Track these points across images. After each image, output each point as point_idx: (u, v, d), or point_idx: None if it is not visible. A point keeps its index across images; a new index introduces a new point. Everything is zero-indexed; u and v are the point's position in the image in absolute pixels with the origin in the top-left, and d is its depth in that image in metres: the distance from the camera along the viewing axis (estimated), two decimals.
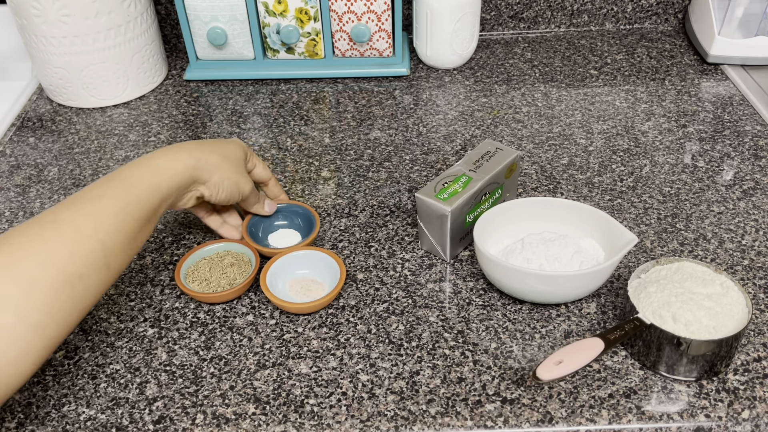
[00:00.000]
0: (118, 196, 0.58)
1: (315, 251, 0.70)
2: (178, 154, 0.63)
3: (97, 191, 0.57)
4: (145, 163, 0.61)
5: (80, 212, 0.55)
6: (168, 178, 0.61)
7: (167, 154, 0.63)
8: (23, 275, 0.50)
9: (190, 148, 0.64)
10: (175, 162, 0.62)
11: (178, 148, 0.64)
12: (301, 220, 0.76)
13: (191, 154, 0.64)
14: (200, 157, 0.64)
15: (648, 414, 0.57)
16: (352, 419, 0.58)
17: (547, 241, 0.68)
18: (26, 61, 1.08)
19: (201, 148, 0.65)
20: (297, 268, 0.70)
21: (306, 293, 0.69)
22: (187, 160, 0.63)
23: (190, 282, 0.69)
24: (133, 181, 0.59)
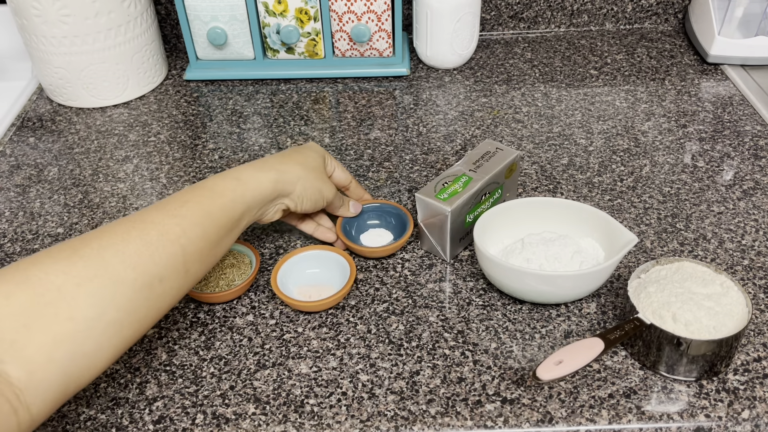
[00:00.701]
0: (203, 204, 0.59)
1: (326, 251, 0.71)
2: (262, 167, 0.64)
3: (183, 198, 0.59)
4: (230, 174, 0.63)
5: (166, 216, 0.56)
6: (252, 189, 0.62)
7: (252, 168, 0.64)
8: (107, 271, 0.51)
9: (273, 163, 0.66)
10: (259, 175, 0.64)
11: (262, 162, 0.66)
12: (394, 220, 0.76)
13: (274, 167, 0.65)
14: (283, 170, 0.65)
15: (648, 414, 0.57)
16: (352, 419, 0.58)
17: (547, 241, 0.68)
18: (26, 61, 1.08)
19: (282, 161, 0.66)
20: (307, 267, 0.71)
21: (317, 293, 0.69)
22: (270, 172, 0.64)
23: None
24: (217, 190, 0.60)
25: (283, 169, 0.65)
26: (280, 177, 0.65)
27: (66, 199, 0.83)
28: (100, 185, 0.86)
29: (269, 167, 0.65)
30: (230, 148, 0.91)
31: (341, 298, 0.67)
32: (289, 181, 0.65)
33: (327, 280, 0.70)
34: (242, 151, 0.90)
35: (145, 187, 0.85)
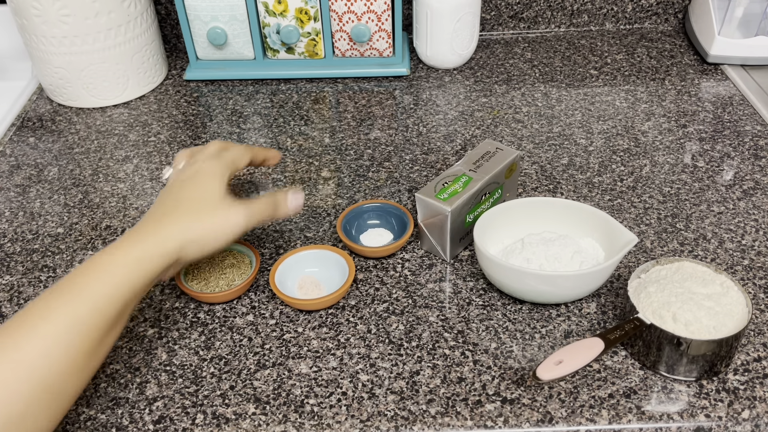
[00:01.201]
0: (68, 312, 0.51)
1: (325, 250, 0.71)
2: (136, 241, 0.56)
3: (46, 305, 0.51)
4: (99, 265, 0.54)
5: (22, 337, 0.49)
6: (130, 276, 0.54)
7: (125, 246, 0.56)
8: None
9: (147, 231, 0.57)
10: (134, 255, 0.55)
11: (136, 234, 0.57)
12: (394, 220, 0.76)
13: (148, 238, 0.57)
14: (163, 237, 0.57)
15: (648, 414, 0.57)
16: (352, 419, 0.58)
17: (547, 241, 0.68)
18: (26, 61, 1.08)
19: (161, 221, 0.58)
20: (306, 266, 0.71)
21: (315, 292, 0.69)
22: (147, 245, 0.56)
23: (189, 281, 0.69)
24: (85, 291, 0.52)
25: (163, 236, 0.57)
26: (160, 248, 0.56)
27: (66, 199, 0.83)
28: (100, 185, 0.86)
29: (142, 237, 0.56)
30: None
31: (340, 297, 0.67)
32: (173, 248, 0.57)
33: (326, 279, 0.70)
34: None
35: (145, 187, 0.85)
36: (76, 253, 0.76)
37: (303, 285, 0.70)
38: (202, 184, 0.61)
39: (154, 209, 0.60)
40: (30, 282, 0.72)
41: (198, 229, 0.58)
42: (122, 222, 0.79)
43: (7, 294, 0.71)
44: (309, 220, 0.79)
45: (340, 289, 0.66)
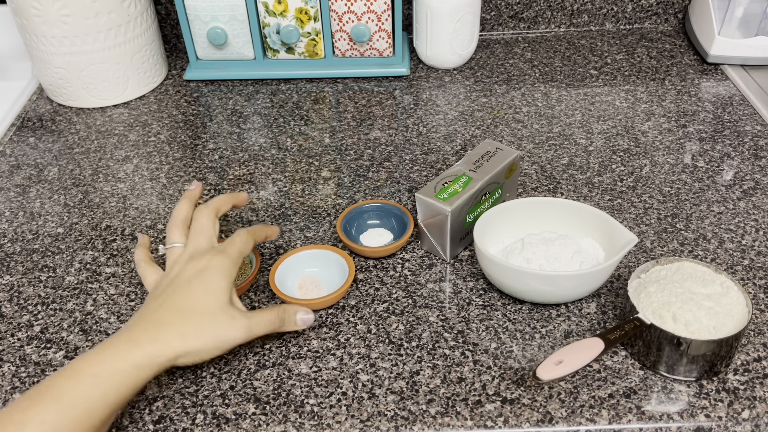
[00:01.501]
0: (45, 422, 0.48)
1: (325, 250, 0.71)
2: (129, 349, 0.53)
3: (18, 417, 0.48)
4: (83, 369, 0.51)
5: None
6: (117, 386, 0.51)
7: (113, 352, 0.52)
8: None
9: (143, 336, 0.54)
10: (124, 364, 0.52)
11: (127, 338, 0.54)
12: (394, 220, 0.76)
13: (143, 344, 0.54)
14: (158, 347, 0.54)
15: (648, 414, 0.57)
16: (352, 419, 0.58)
17: (547, 241, 0.68)
18: (26, 61, 1.08)
19: (159, 326, 0.55)
20: (306, 266, 0.71)
21: (315, 291, 0.69)
22: (138, 353, 0.53)
23: None
24: (65, 400, 0.49)
25: (162, 345, 0.54)
26: (158, 358, 0.53)
27: (66, 199, 0.83)
28: (100, 185, 0.86)
29: (141, 344, 0.53)
30: (230, 148, 0.91)
31: (340, 297, 0.67)
32: (171, 358, 0.54)
33: (326, 279, 0.70)
34: (242, 151, 0.90)
35: (145, 187, 0.85)
36: (76, 253, 0.76)
37: (303, 285, 0.70)
38: (209, 288, 0.58)
39: (155, 311, 0.57)
40: (30, 282, 0.72)
41: (198, 342, 0.56)
42: (122, 222, 0.79)
43: (7, 294, 0.71)
44: (309, 220, 0.79)
45: (340, 289, 0.66)
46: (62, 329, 0.67)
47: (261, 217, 0.79)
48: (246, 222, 0.79)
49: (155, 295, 0.59)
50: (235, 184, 0.84)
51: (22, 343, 0.66)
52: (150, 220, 0.80)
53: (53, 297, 0.70)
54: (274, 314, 0.61)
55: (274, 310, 0.61)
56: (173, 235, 0.63)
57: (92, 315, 0.68)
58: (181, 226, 0.64)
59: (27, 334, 0.67)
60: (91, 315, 0.68)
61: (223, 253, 0.60)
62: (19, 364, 0.64)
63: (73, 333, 0.66)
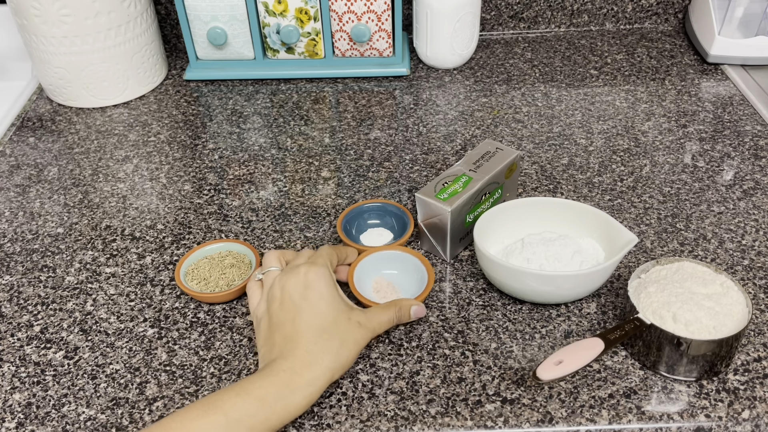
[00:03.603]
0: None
1: (403, 252, 0.70)
2: (289, 384, 0.55)
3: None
4: (251, 393, 0.53)
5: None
6: (279, 412, 0.54)
7: (278, 388, 0.54)
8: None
9: (297, 372, 0.56)
10: (290, 396, 0.54)
11: (288, 375, 0.55)
12: (395, 220, 0.76)
13: (303, 377, 0.55)
14: (315, 377, 0.56)
15: (648, 414, 0.57)
16: (352, 419, 0.58)
17: (547, 241, 0.68)
18: (26, 61, 1.08)
19: (309, 359, 0.56)
20: (382, 268, 0.70)
21: (394, 294, 0.68)
22: (301, 390, 0.55)
23: (189, 281, 0.69)
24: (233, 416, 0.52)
25: (315, 364, 0.56)
26: (314, 382, 0.55)
27: (66, 199, 0.83)
28: (100, 185, 0.86)
29: (295, 372, 0.55)
30: (230, 148, 0.91)
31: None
32: (327, 377, 0.56)
33: (400, 282, 0.69)
34: (242, 151, 0.90)
35: (145, 187, 0.85)
36: (75, 253, 0.76)
37: (379, 288, 0.69)
38: (328, 302, 0.59)
39: (293, 333, 0.57)
40: (30, 282, 0.72)
41: (345, 355, 0.58)
42: (122, 222, 0.79)
43: (7, 294, 0.71)
44: (309, 220, 0.79)
45: (420, 297, 0.65)
46: (62, 329, 0.67)
47: (261, 218, 0.79)
48: (246, 222, 0.79)
49: (277, 321, 0.59)
50: (235, 184, 0.85)
51: (22, 343, 0.66)
52: (150, 220, 0.80)
53: (53, 297, 0.70)
54: (392, 313, 0.62)
55: (391, 309, 0.63)
56: (269, 261, 0.65)
57: (92, 315, 0.68)
58: (278, 255, 0.66)
59: (27, 334, 0.67)
60: (91, 315, 0.68)
61: (315, 264, 0.61)
62: (19, 364, 0.64)
63: (73, 333, 0.66)
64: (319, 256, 0.63)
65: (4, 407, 0.60)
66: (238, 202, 0.82)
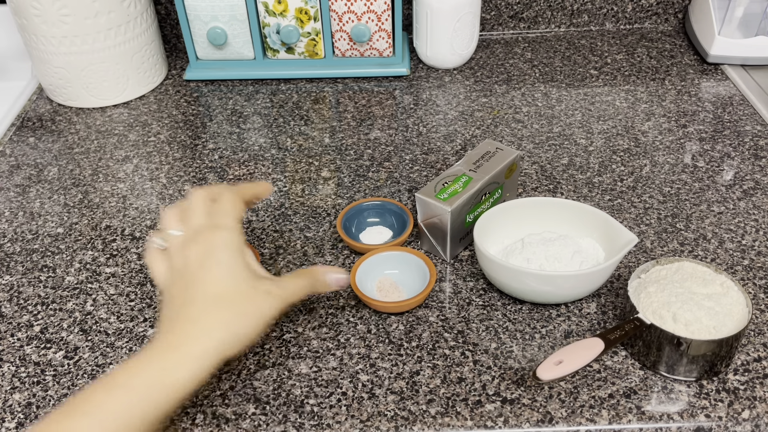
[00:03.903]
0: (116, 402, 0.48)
1: (405, 252, 0.70)
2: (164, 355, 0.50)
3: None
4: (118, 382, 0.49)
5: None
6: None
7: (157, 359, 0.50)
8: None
9: (175, 338, 0.51)
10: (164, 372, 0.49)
11: (166, 344, 0.51)
12: (395, 218, 0.76)
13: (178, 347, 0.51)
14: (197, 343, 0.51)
15: (648, 414, 0.57)
16: (352, 419, 0.58)
17: (547, 241, 0.68)
18: (26, 61, 1.08)
19: (197, 321, 0.51)
20: (385, 268, 0.70)
21: (396, 294, 0.68)
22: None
23: None
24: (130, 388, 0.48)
25: (202, 337, 0.51)
26: (200, 356, 0.50)
27: (66, 199, 0.83)
28: (100, 185, 0.86)
29: (174, 348, 0.50)
30: (230, 148, 0.91)
31: (422, 301, 0.66)
32: (216, 350, 0.51)
33: (404, 281, 0.69)
34: (242, 151, 0.90)
35: (145, 187, 0.85)
36: (75, 253, 0.76)
37: (382, 287, 0.69)
38: (226, 268, 0.54)
39: (182, 305, 0.53)
40: (30, 282, 0.72)
41: (243, 325, 0.52)
42: (122, 222, 0.79)
43: (7, 294, 0.71)
44: (309, 220, 0.79)
45: (422, 294, 0.65)
46: (62, 329, 0.67)
47: (261, 217, 0.79)
48: (245, 222, 0.79)
49: (173, 293, 0.54)
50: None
51: (22, 343, 0.66)
52: (150, 220, 0.80)
53: (53, 297, 0.70)
54: (305, 280, 0.58)
55: (305, 275, 0.58)
56: (169, 223, 0.59)
57: (92, 315, 0.68)
58: (177, 213, 0.59)
59: (27, 334, 0.67)
60: (91, 315, 0.68)
61: (219, 227, 0.55)
62: (19, 364, 0.64)
63: (73, 333, 0.66)
64: (225, 216, 0.56)
65: (4, 407, 0.60)
66: None
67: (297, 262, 0.73)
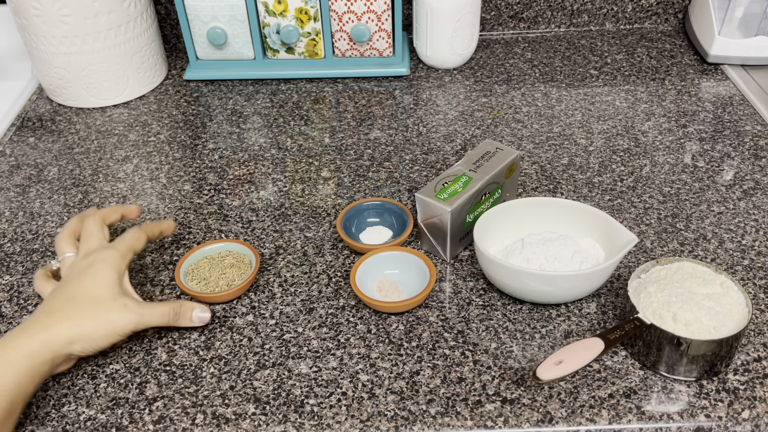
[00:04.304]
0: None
1: (405, 252, 0.70)
2: (13, 343, 0.55)
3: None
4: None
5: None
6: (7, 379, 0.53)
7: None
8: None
9: (31, 330, 0.56)
10: (8, 358, 0.54)
11: (18, 333, 0.55)
12: (394, 218, 0.76)
13: (32, 335, 0.55)
14: (47, 336, 0.56)
15: (648, 414, 0.57)
16: (352, 419, 0.58)
17: (547, 241, 0.68)
18: (26, 61, 1.08)
19: (48, 318, 0.56)
20: (385, 268, 0.70)
21: (396, 294, 0.68)
22: (27, 346, 0.55)
23: (189, 281, 0.69)
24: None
25: (53, 332, 0.56)
26: (49, 345, 0.55)
27: (66, 199, 0.83)
28: (100, 185, 0.86)
29: (30, 333, 0.55)
30: (230, 148, 0.91)
31: (421, 301, 0.66)
32: (62, 345, 0.56)
33: (405, 281, 0.69)
34: (242, 151, 0.90)
35: (145, 187, 0.85)
36: None
37: (382, 287, 0.69)
38: (98, 278, 0.60)
39: (45, 303, 0.59)
40: (30, 282, 0.72)
41: (90, 327, 0.58)
42: (122, 222, 0.79)
43: (7, 294, 0.71)
44: (309, 220, 0.79)
45: (422, 294, 0.65)
46: None
47: (261, 218, 0.79)
48: (246, 222, 0.79)
49: (50, 293, 0.61)
50: (234, 184, 0.85)
51: None
52: (149, 220, 0.80)
53: None
54: (169, 308, 0.63)
55: (170, 304, 0.63)
56: (62, 247, 0.65)
57: None
58: (68, 238, 0.66)
59: None
60: None
61: (110, 248, 0.63)
62: None
63: None
64: (120, 241, 0.64)
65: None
66: (238, 202, 0.82)
67: (297, 262, 0.73)
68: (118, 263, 0.62)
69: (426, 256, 0.69)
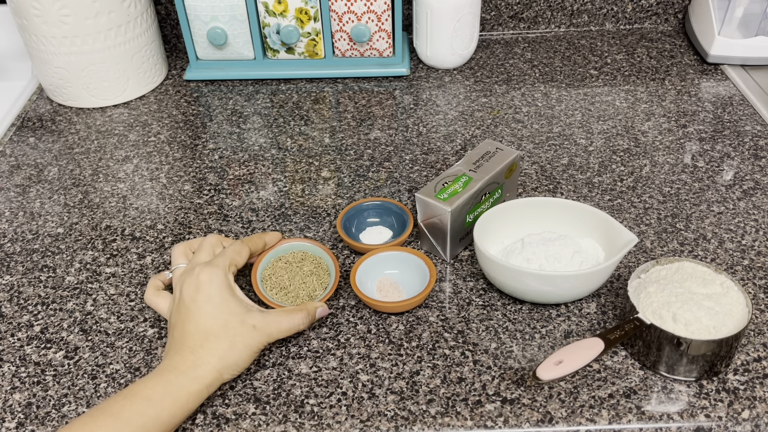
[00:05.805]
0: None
1: (405, 252, 0.70)
2: (173, 372, 0.57)
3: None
4: (139, 393, 0.55)
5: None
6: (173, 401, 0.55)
7: (163, 380, 0.56)
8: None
9: (182, 363, 0.57)
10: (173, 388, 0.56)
11: (171, 366, 0.57)
12: (395, 218, 0.76)
13: (185, 371, 0.57)
14: (197, 371, 0.57)
15: (648, 414, 0.57)
16: (352, 419, 0.58)
17: (547, 241, 0.68)
18: (26, 61, 1.08)
19: (192, 351, 0.58)
20: (385, 268, 0.70)
21: (396, 294, 0.68)
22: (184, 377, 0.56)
23: (268, 289, 0.67)
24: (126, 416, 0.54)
25: (199, 365, 0.57)
26: (201, 380, 0.57)
27: (66, 199, 0.83)
28: (100, 185, 0.86)
29: (180, 371, 0.56)
30: (230, 148, 0.91)
31: (422, 301, 0.66)
32: (214, 379, 0.58)
33: (404, 281, 0.69)
34: (242, 151, 0.90)
35: (145, 187, 0.85)
36: (76, 253, 0.76)
37: (382, 287, 0.69)
38: (217, 305, 0.60)
39: (183, 339, 0.59)
40: (30, 282, 0.72)
41: (234, 356, 0.59)
42: (122, 222, 0.79)
43: (7, 294, 0.71)
44: (309, 220, 0.79)
45: (422, 294, 0.65)
46: (62, 329, 0.67)
47: (261, 218, 0.79)
48: (246, 222, 0.79)
49: (173, 322, 0.61)
50: (235, 184, 0.85)
51: (22, 343, 0.66)
52: (150, 220, 0.80)
53: (53, 297, 0.70)
54: (299, 319, 0.62)
55: (298, 314, 0.62)
56: (176, 257, 0.66)
57: (92, 315, 0.68)
58: (184, 249, 0.67)
59: (27, 334, 0.67)
60: (91, 315, 0.68)
61: (211, 264, 0.62)
62: (19, 364, 0.64)
63: (73, 333, 0.66)
64: (220, 256, 0.63)
65: (4, 407, 0.60)
66: (238, 202, 0.82)
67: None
68: (222, 280, 0.61)
69: (426, 256, 0.69)
